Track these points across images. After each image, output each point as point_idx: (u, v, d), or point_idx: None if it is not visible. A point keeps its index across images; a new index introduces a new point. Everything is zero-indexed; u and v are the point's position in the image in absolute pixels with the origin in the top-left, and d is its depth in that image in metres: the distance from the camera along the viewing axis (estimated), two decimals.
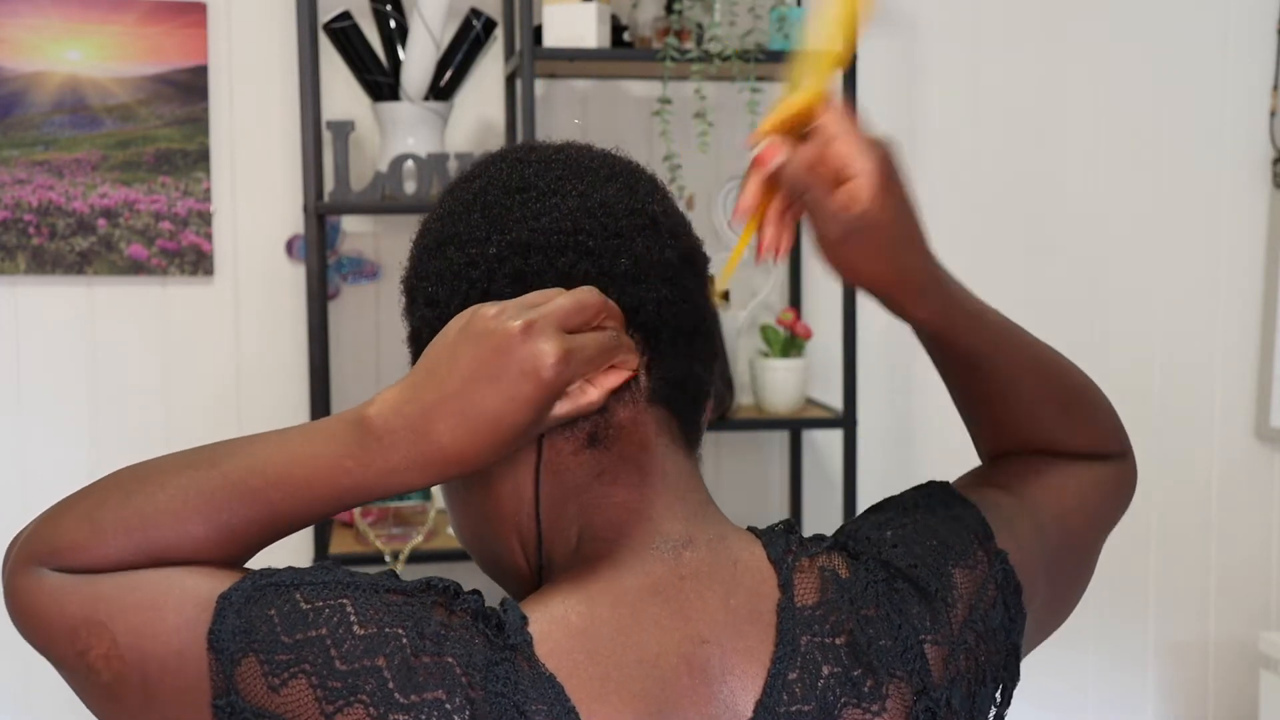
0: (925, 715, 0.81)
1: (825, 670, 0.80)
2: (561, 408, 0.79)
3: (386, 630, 0.75)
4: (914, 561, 0.85)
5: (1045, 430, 0.98)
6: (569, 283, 0.82)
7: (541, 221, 0.85)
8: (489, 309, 0.78)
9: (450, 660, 0.74)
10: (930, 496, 0.92)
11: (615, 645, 0.79)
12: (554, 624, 0.78)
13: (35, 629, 0.79)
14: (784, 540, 0.86)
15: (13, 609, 0.80)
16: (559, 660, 0.77)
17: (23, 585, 0.79)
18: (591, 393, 0.80)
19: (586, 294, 0.80)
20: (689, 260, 0.88)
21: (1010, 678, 0.88)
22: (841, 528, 0.90)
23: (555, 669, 0.76)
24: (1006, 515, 0.92)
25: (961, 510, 0.90)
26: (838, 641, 0.81)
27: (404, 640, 0.74)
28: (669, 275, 0.86)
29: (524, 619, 0.77)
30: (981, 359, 0.93)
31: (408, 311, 0.90)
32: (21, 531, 0.83)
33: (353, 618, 0.75)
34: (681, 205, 0.96)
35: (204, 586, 0.77)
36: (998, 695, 0.87)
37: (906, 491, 0.93)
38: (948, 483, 0.95)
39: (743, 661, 0.80)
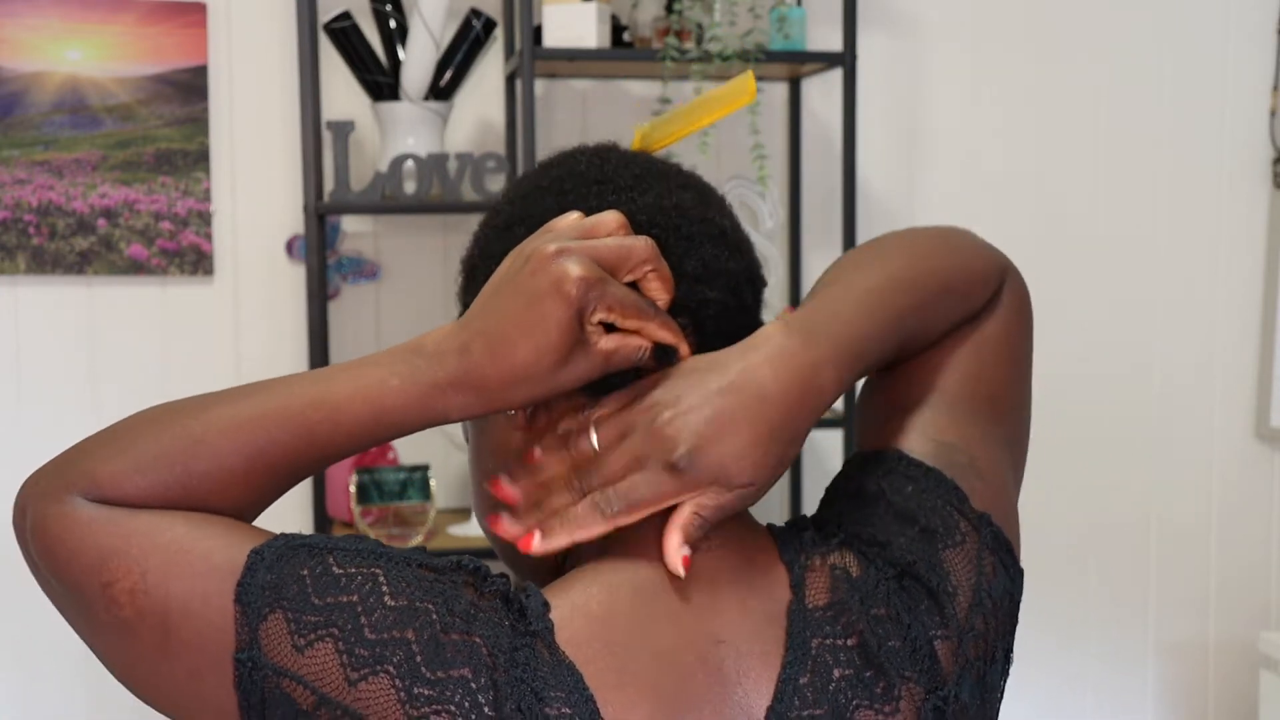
0: (934, 713, 0.81)
1: (837, 673, 0.80)
2: (608, 342, 0.79)
3: (418, 604, 0.75)
4: (911, 559, 0.84)
5: (953, 326, 0.94)
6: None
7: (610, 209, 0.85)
8: (535, 238, 0.79)
9: (478, 640, 0.75)
10: (891, 475, 0.88)
11: (633, 636, 0.79)
12: (575, 612, 0.78)
13: (60, 558, 0.78)
14: (797, 539, 0.86)
15: (41, 538, 0.79)
16: (578, 648, 0.77)
17: (55, 512, 0.78)
18: (594, 360, 0.79)
19: (637, 243, 0.79)
20: (750, 277, 0.89)
21: (1012, 633, 0.88)
22: (833, 519, 0.88)
23: (574, 657, 0.76)
24: (956, 448, 0.89)
25: (926, 481, 0.87)
26: (849, 643, 0.81)
27: (434, 616, 0.75)
28: (733, 285, 0.86)
29: (546, 605, 0.78)
30: (901, 359, 0.92)
31: (464, 291, 0.91)
32: (46, 465, 0.82)
33: (385, 588, 0.75)
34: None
35: (237, 539, 0.77)
36: (1006, 660, 0.87)
37: (867, 474, 0.89)
38: (895, 451, 0.89)
39: (756, 665, 0.80)
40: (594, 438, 0.80)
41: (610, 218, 0.81)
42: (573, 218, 0.81)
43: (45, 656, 2.59)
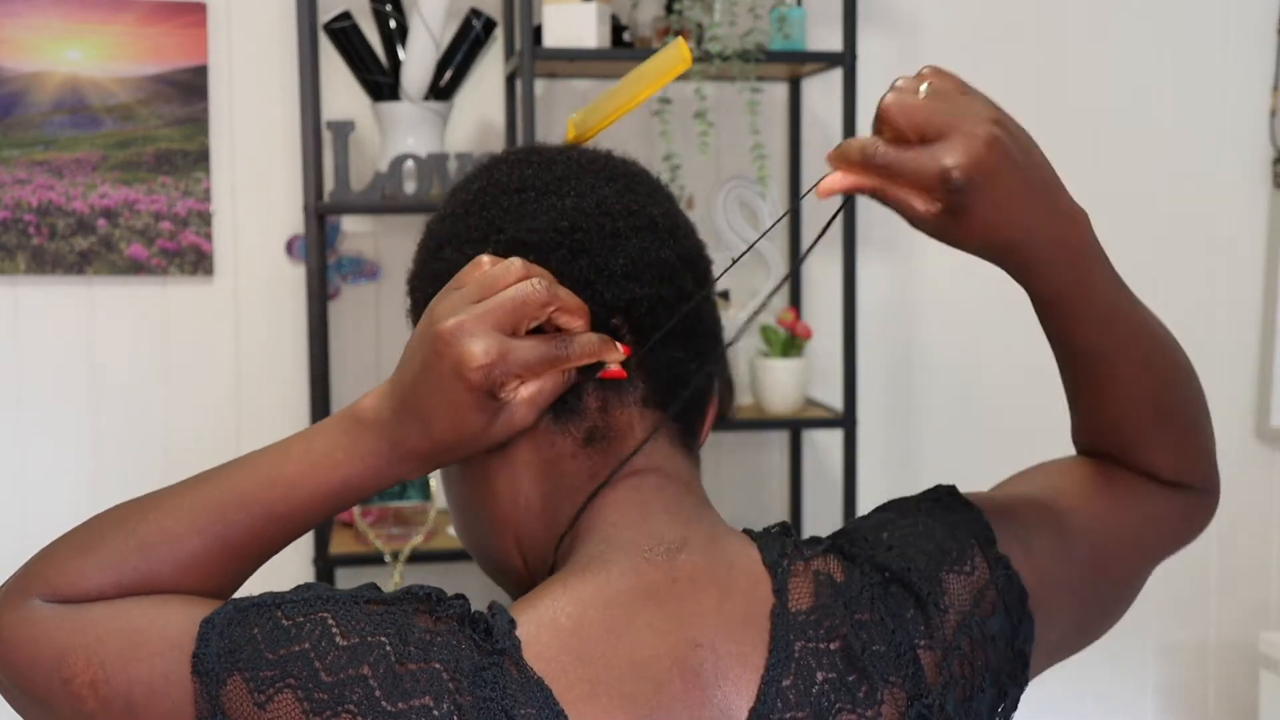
0: (917, 718, 0.80)
1: (819, 676, 0.79)
2: (527, 391, 0.80)
3: (369, 639, 0.74)
4: (907, 565, 0.84)
5: (1130, 435, 0.94)
6: (563, 281, 0.82)
7: (538, 220, 0.85)
8: (441, 303, 0.79)
9: (437, 666, 0.74)
10: (936, 501, 0.90)
11: (605, 647, 0.78)
12: (542, 626, 0.78)
13: (19, 660, 0.79)
14: (779, 543, 0.85)
15: (1, 643, 0.80)
16: (548, 663, 0.76)
17: (11, 617, 0.80)
18: (519, 411, 0.80)
19: (529, 291, 0.79)
20: (689, 261, 0.87)
21: (1015, 684, 0.87)
22: (842, 529, 0.89)
23: (544, 672, 0.76)
24: (1027, 523, 0.90)
25: (964, 515, 0.88)
26: (832, 647, 0.80)
27: (388, 648, 0.74)
28: (666, 275, 0.85)
29: (512, 623, 0.77)
30: (1092, 353, 0.89)
31: (412, 313, 0.91)
32: (10, 577, 0.83)
33: (334, 629, 0.75)
34: (682, 205, 0.96)
35: (188, 612, 0.77)
36: (1001, 704, 0.86)
37: (914, 495, 0.92)
38: (954, 488, 0.93)
39: (736, 667, 0.80)
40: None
41: (510, 270, 0.80)
42: (477, 272, 0.80)
43: None
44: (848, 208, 2.58)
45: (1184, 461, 0.95)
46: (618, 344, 0.83)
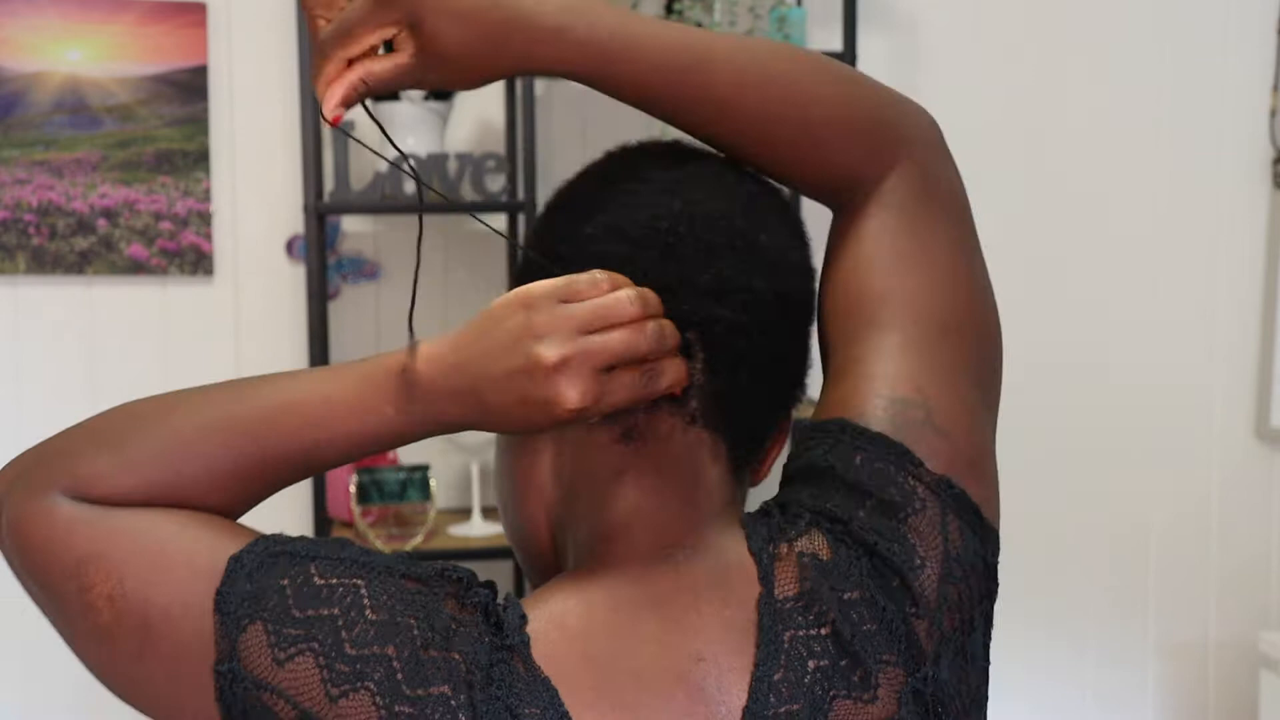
0: (913, 696, 0.78)
1: (811, 665, 0.77)
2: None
3: (399, 619, 0.74)
4: (872, 537, 0.80)
5: (805, 153, 0.87)
6: (645, 281, 0.79)
7: (640, 214, 0.83)
8: (539, 311, 0.75)
9: (457, 656, 0.73)
10: (839, 447, 0.83)
11: (610, 653, 0.77)
12: (552, 625, 0.77)
13: (37, 559, 0.77)
14: (764, 525, 0.82)
15: (17, 535, 0.77)
16: (555, 664, 0.75)
17: (32, 510, 0.77)
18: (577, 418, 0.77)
19: (641, 340, 0.76)
20: (782, 298, 0.84)
21: (991, 599, 0.84)
22: (792, 500, 0.83)
23: (550, 673, 0.75)
24: (911, 402, 0.84)
25: (874, 449, 0.82)
26: (822, 632, 0.78)
27: (415, 631, 0.73)
28: (752, 303, 0.82)
29: (523, 618, 0.76)
30: (664, 100, 0.85)
31: (520, 273, 0.88)
32: (26, 455, 0.80)
33: (366, 600, 0.74)
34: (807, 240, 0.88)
35: (217, 543, 0.76)
36: (986, 627, 0.84)
37: (815, 449, 0.84)
38: (839, 420, 0.84)
39: (737, 677, 0.78)
40: None
41: (627, 308, 0.76)
42: (594, 293, 0.76)
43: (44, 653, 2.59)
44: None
45: (832, 133, 0.87)
46: (687, 366, 0.80)
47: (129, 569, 0.75)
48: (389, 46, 0.80)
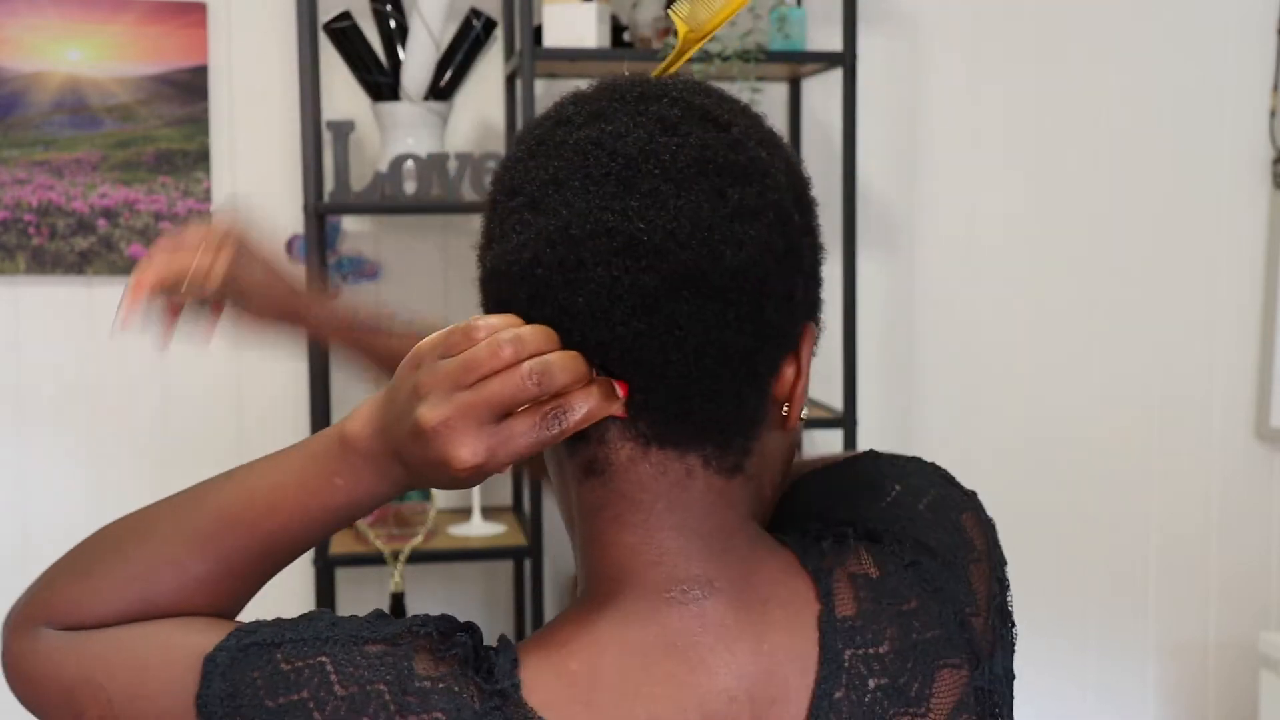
0: (975, 695, 0.79)
1: (871, 683, 0.76)
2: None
3: (368, 688, 0.72)
4: (925, 534, 0.83)
5: None
6: (553, 309, 0.74)
7: (510, 243, 0.76)
8: (423, 370, 0.73)
9: (439, 716, 0.72)
10: (877, 460, 0.90)
11: (620, 698, 0.74)
12: (549, 669, 0.74)
13: (32, 692, 0.79)
14: (816, 547, 0.81)
15: (12, 672, 0.80)
16: (554, 710, 0.73)
17: (20, 648, 0.80)
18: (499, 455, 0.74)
19: (518, 385, 0.71)
20: (683, 281, 0.73)
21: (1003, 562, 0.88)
22: (841, 517, 0.84)
23: (550, 718, 0.73)
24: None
25: (914, 464, 0.89)
26: (881, 650, 0.77)
27: (386, 697, 0.72)
28: (644, 305, 0.72)
29: (515, 662, 0.74)
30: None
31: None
32: (20, 596, 0.83)
33: (333, 677, 0.73)
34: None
35: (191, 645, 0.76)
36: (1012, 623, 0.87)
37: (850, 471, 0.89)
38: (872, 452, 0.92)
39: (781, 704, 0.76)
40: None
41: (499, 355, 0.72)
42: (465, 345, 0.72)
43: None
44: (848, 207, 2.58)
45: None
46: (616, 388, 0.73)
47: (114, 688, 0.76)
48: None
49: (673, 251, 0.73)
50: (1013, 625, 0.86)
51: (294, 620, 0.77)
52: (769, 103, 2.74)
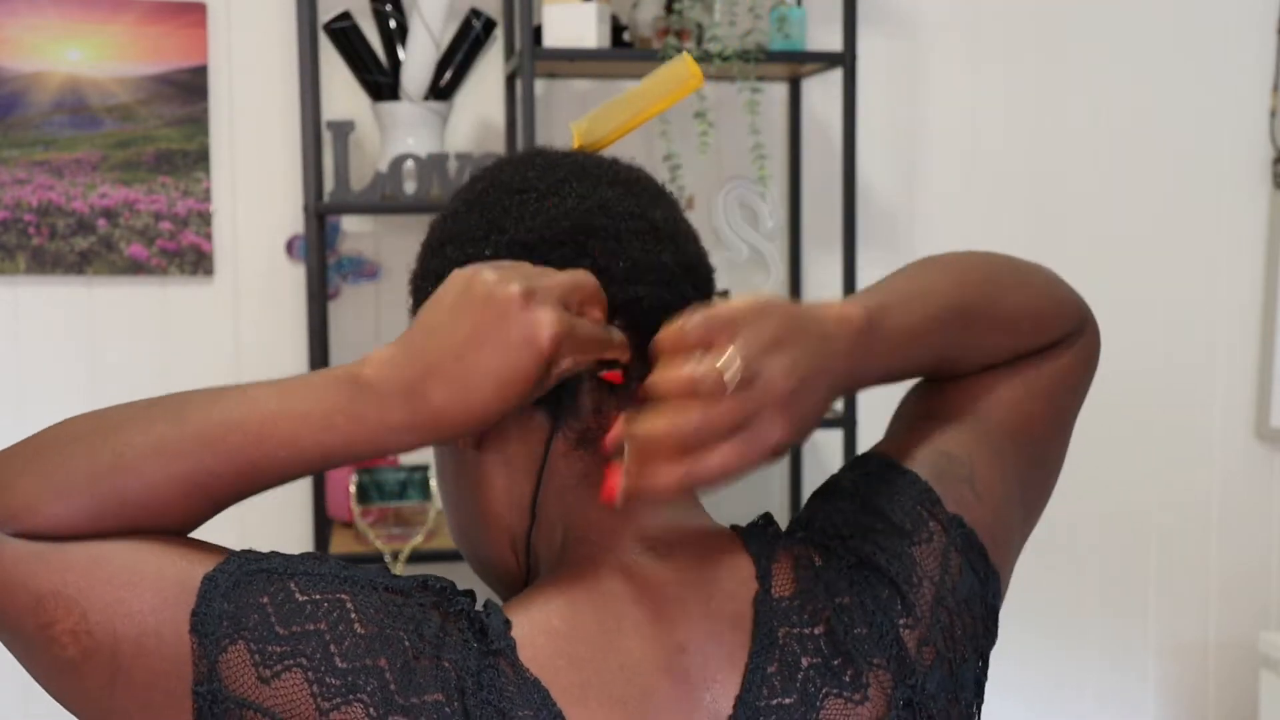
0: (904, 702, 0.80)
1: (805, 661, 0.80)
2: (558, 369, 0.78)
3: (388, 631, 0.74)
4: (872, 549, 0.84)
5: (1005, 359, 0.96)
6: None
7: (538, 220, 0.84)
8: (489, 273, 0.76)
9: (447, 664, 0.74)
10: (868, 475, 0.90)
11: (597, 650, 0.78)
12: (536, 628, 0.78)
13: None
14: (762, 534, 0.86)
15: None
16: (542, 665, 0.76)
17: None
18: (580, 363, 0.78)
19: (584, 275, 0.79)
20: (689, 269, 0.86)
21: (989, 641, 0.87)
22: (802, 518, 0.89)
23: (539, 674, 0.76)
24: (958, 458, 0.90)
25: (902, 482, 0.88)
26: (816, 631, 0.81)
27: (405, 642, 0.74)
28: (666, 279, 0.84)
29: (507, 623, 0.77)
30: (938, 370, 0.94)
31: (412, 312, 0.89)
32: None
33: (353, 614, 0.74)
34: (683, 205, 0.95)
35: (185, 565, 0.74)
36: (979, 663, 0.86)
37: (844, 473, 0.91)
38: (881, 455, 0.92)
39: (725, 665, 0.80)
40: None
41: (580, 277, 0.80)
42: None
43: None
44: (848, 207, 2.58)
45: (1054, 335, 0.97)
46: (626, 347, 0.81)
47: (91, 601, 0.72)
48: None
49: (682, 242, 0.87)
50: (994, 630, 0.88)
51: (298, 556, 0.77)
52: (769, 103, 2.74)
